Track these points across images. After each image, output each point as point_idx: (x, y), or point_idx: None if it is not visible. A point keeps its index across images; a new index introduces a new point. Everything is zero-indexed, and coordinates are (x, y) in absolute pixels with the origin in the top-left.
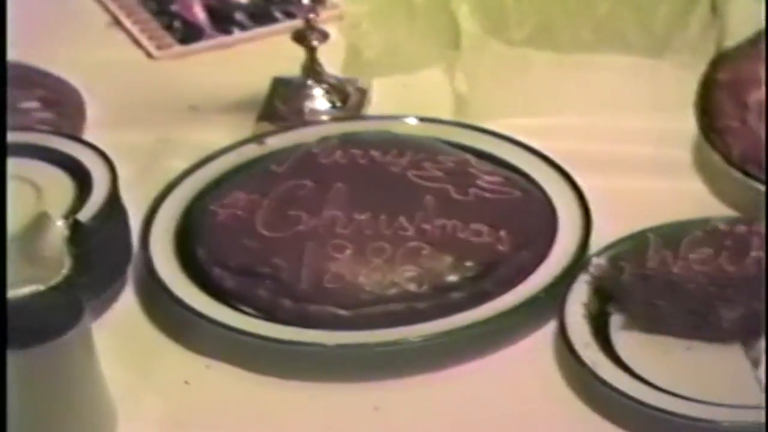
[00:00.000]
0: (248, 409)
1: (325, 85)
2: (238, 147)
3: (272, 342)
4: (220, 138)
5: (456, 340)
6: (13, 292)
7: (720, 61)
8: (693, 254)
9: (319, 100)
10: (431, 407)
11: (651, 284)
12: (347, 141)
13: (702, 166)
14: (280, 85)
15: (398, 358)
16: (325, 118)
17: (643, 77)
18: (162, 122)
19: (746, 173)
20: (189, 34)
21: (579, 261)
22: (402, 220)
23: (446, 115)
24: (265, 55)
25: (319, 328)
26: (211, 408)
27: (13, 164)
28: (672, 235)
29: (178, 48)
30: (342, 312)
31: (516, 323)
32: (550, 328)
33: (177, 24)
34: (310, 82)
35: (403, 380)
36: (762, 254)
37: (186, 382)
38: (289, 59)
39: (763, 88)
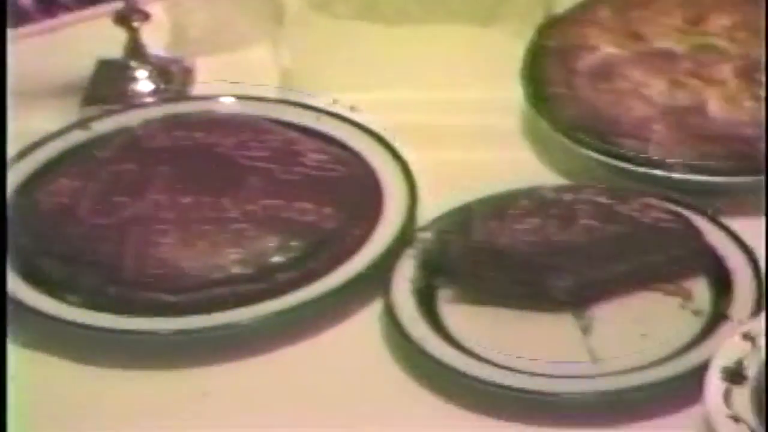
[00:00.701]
0: (75, 400)
1: (148, 66)
2: (63, 133)
3: (99, 331)
4: (46, 124)
5: (283, 321)
6: None
7: (548, 27)
8: (520, 224)
9: (143, 82)
10: (261, 390)
11: (477, 256)
12: (171, 123)
13: (530, 135)
14: (103, 67)
15: (226, 342)
16: (149, 99)
17: (470, 47)
18: None
19: (574, 140)
20: (14, 17)
21: (405, 236)
22: (226, 201)
23: (273, 93)
24: (91, 37)
25: (146, 315)
26: (39, 401)
27: None
28: (498, 205)
29: None
30: (168, 298)
31: (343, 302)
32: (378, 304)
33: None
34: (133, 63)
35: (232, 364)
36: (592, 222)
37: (12, 377)
38: (117, 40)
39: (595, 54)
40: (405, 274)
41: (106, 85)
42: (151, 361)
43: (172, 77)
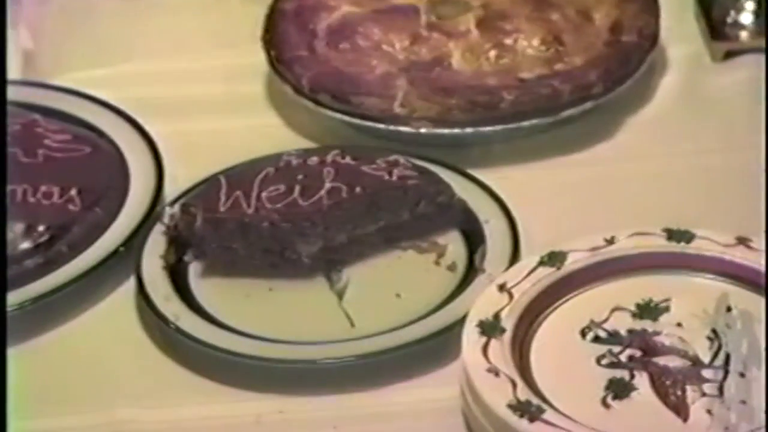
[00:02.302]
0: None
1: None
2: None
3: None
4: None
5: (37, 307)
6: None
7: None
8: (266, 192)
9: None
10: (23, 379)
11: (224, 228)
12: None
13: (275, 100)
14: None
15: None
16: None
17: (209, 15)
18: None
19: (317, 102)
20: None
21: (154, 212)
22: None
23: (15, 74)
24: None
25: None
26: None
27: None
28: (244, 174)
29: None
30: None
31: (95, 283)
32: (131, 284)
33: None
34: None
35: None
36: (338, 184)
37: None
38: None
39: (334, 14)
40: (156, 251)
41: None
42: None
43: None
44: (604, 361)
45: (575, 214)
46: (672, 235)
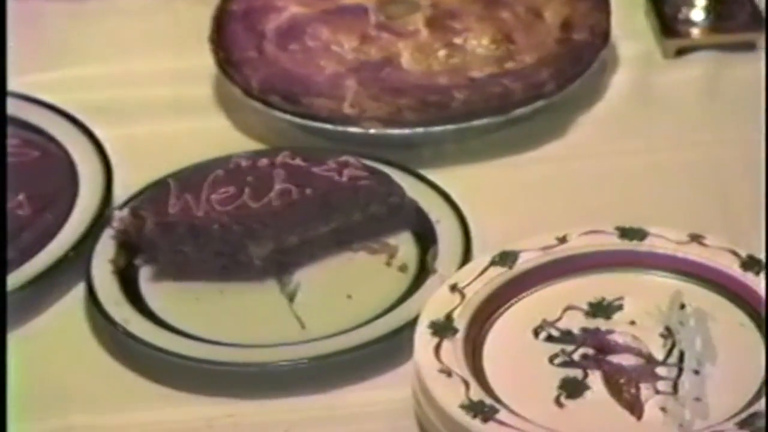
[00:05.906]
0: None
1: None
2: None
3: None
4: None
5: None
6: None
7: None
8: (215, 195)
9: None
10: None
11: (174, 232)
12: None
13: (223, 102)
14: None
15: None
16: None
17: (157, 17)
18: None
19: (266, 103)
20: None
21: (102, 216)
22: None
23: None
24: None
25: None
26: None
27: None
28: (193, 177)
29: None
30: None
31: (44, 288)
32: (81, 288)
33: None
34: None
35: None
36: (289, 186)
37: None
38: None
39: (283, 15)
40: (105, 255)
41: None
42: None
43: None
44: (557, 361)
45: (527, 213)
46: (624, 233)
